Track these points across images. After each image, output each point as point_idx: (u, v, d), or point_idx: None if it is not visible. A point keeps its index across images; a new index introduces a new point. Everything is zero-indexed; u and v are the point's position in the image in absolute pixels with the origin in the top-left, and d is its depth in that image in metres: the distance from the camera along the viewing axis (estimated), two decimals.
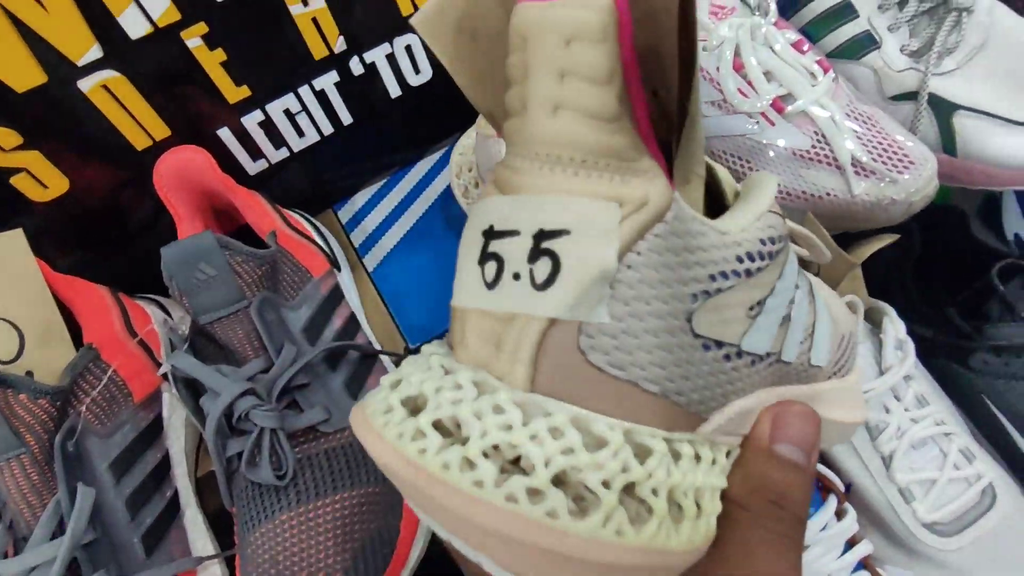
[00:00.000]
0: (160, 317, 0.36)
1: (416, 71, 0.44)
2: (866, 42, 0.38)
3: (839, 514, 0.32)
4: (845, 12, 0.39)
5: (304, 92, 0.40)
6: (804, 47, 0.36)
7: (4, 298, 0.29)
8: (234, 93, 0.38)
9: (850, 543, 0.32)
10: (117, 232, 0.40)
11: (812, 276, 0.25)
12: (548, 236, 0.12)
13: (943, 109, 0.36)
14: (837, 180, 0.34)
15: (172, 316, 0.38)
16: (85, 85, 0.33)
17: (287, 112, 0.40)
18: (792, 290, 0.16)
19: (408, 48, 0.42)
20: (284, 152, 0.42)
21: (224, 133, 0.39)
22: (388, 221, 0.46)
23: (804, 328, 0.17)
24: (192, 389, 0.30)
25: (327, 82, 0.41)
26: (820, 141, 0.34)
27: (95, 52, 0.33)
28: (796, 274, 0.16)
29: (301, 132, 0.42)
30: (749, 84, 0.35)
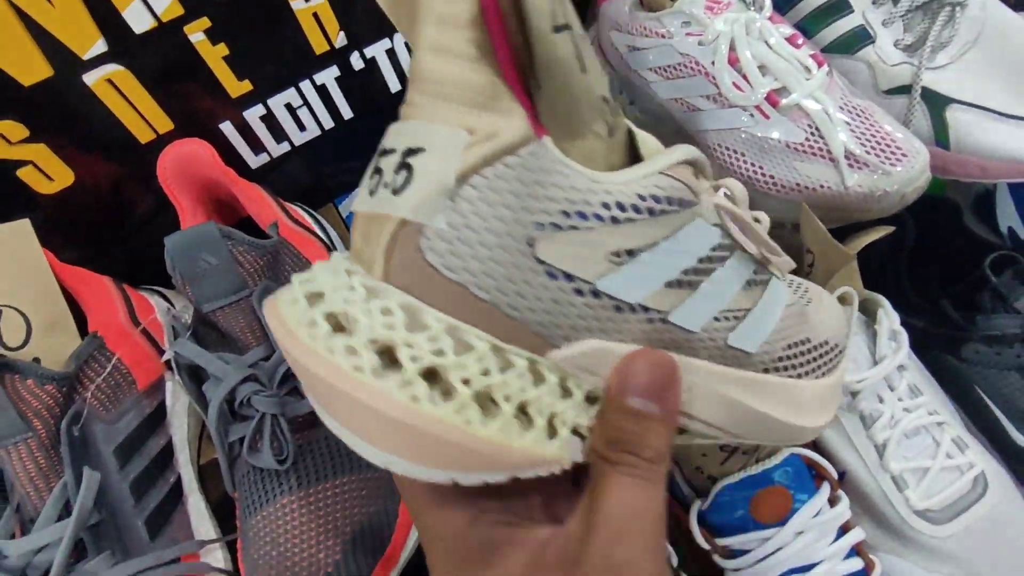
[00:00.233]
0: (163, 306, 0.37)
1: None
2: (860, 37, 0.39)
3: (832, 501, 0.32)
4: (840, 7, 0.40)
5: (305, 87, 0.41)
6: (798, 41, 0.36)
7: (11, 287, 0.30)
8: (236, 87, 0.38)
9: (843, 529, 0.32)
10: (121, 224, 0.40)
11: (810, 283, 0.26)
12: (410, 153, 0.14)
13: (936, 103, 0.37)
14: (831, 172, 0.35)
15: (175, 307, 0.39)
16: (90, 79, 0.34)
17: (288, 106, 0.41)
18: (690, 258, 0.17)
19: (408, 44, 0.43)
20: (285, 146, 0.43)
21: (226, 127, 0.40)
22: None
23: (723, 306, 0.18)
24: (195, 376, 0.31)
25: (328, 77, 0.41)
26: (814, 134, 0.35)
27: (100, 46, 0.33)
28: (715, 249, 0.18)
29: (302, 126, 0.43)
30: (744, 78, 0.36)
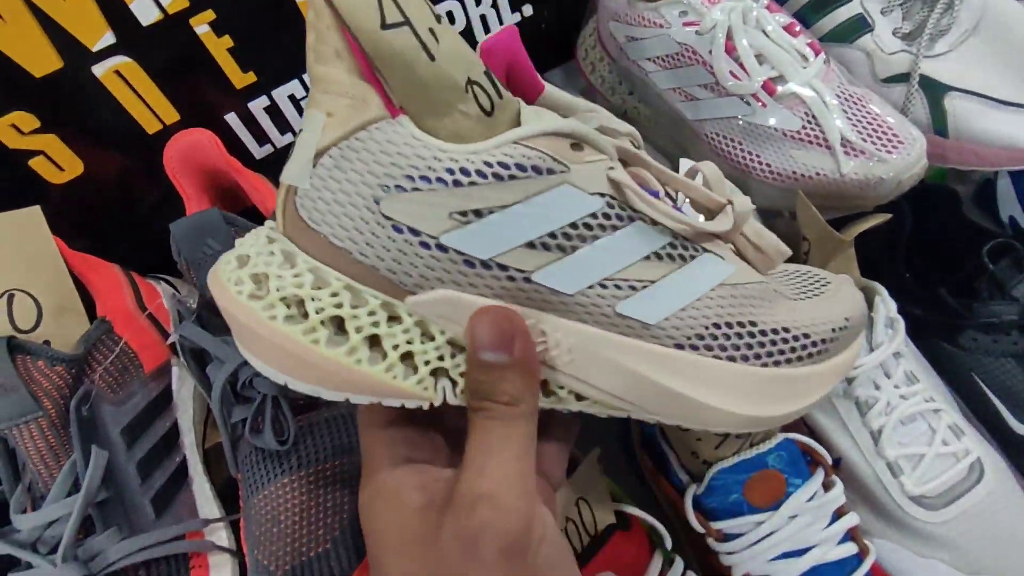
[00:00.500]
0: (169, 292, 0.38)
1: None
2: (859, 25, 0.39)
3: (826, 486, 0.33)
4: None
5: (308, 78, 0.41)
6: (796, 29, 0.37)
7: (22, 272, 0.31)
8: (240, 79, 0.39)
9: (837, 514, 0.33)
10: (129, 213, 0.41)
11: (838, 280, 0.26)
12: (299, 133, 0.18)
13: (934, 90, 0.37)
14: (827, 160, 0.35)
15: (181, 293, 0.39)
16: (99, 70, 0.35)
17: (292, 98, 0.42)
18: (555, 223, 0.19)
19: None
20: (289, 137, 0.44)
21: (231, 118, 0.41)
22: None
23: (609, 274, 0.20)
24: (199, 359, 0.32)
25: None
26: (810, 122, 0.35)
27: (108, 38, 0.34)
28: (595, 217, 0.19)
29: None
30: (741, 67, 0.36)
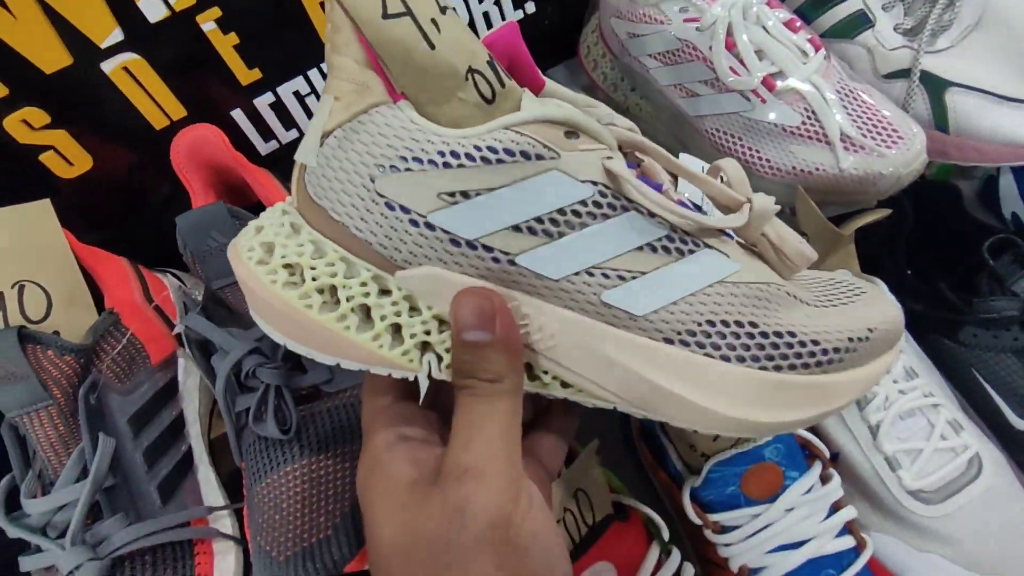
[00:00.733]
0: (175, 285, 0.38)
1: None
2: (860, 21, 0.39)
3: (824, 479, 0.33)
4: None
5: (313, 75, 0.42)
6: (796, 25, 0.37)
7: (33, 264, 0.32)
8: (246, 75, 0.40)
9: (835, 507, 0.33)
10: (137, 207, 0.42)
11: (875, 291, 0.24)
12: (313, 116, 0.20)
13: (936, 86, 0.37)
14: (826, 155, 0.35)
15: (187, 286, 0.40)
16: (108, 67, 0.35)
17: (296, 94, 0.42)
18: (542, 207, 0.19)
19: None
20: (294, 133, 0.44)
21: (237, 114, 0.41)
22: None
23: (597, 262, 0.20)
24: (204, 350, 0.32)
25: None
26: (810, 117, 0.35)
27: (117, 35, 0.35)
28: (585, 204, 0.19)
29: (311, 113, 0.44)
30: (741, 62, 0.36)
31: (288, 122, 0.43)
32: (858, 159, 0.34)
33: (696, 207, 0.23)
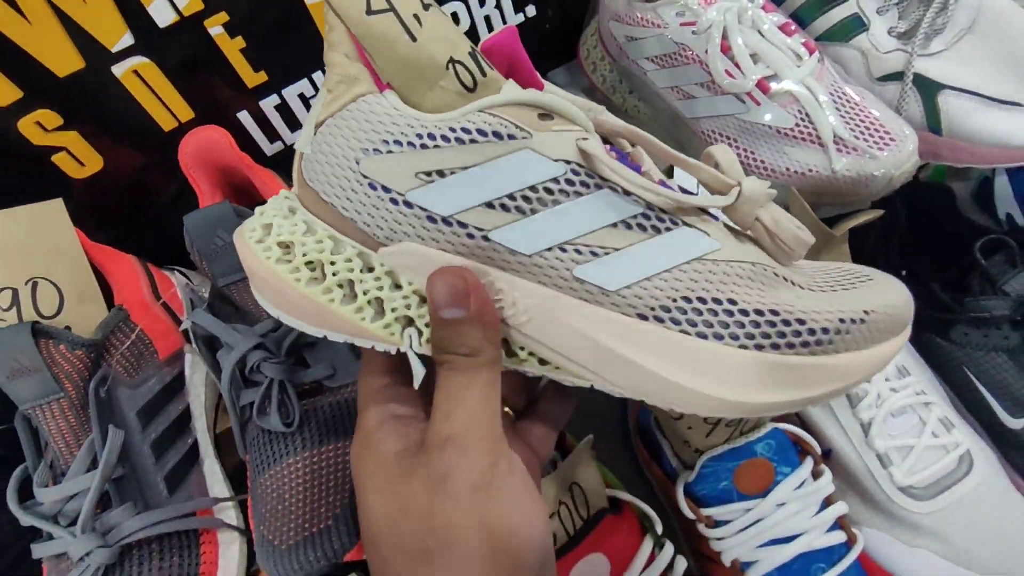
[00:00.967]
0: (183, 282, 0.39)
1: None
2: (855, 24, 0.39)
3: (815, 475, 0.33)
4: None
5: (318, 77, 0.43)
6: (791, 29, 0.37)
7: (46, 261, 0.33)
8: (252, 78, 0.41)
9: (826, 503, 0.33)
10: (147, 207, 0.43)
11: (884, 279, 0.23)
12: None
13: (928, 89, 0.37)
14: (819, 157, 0.36)
15: (194, 284, 0.41)
16: (118, 70, 0.36)
17: (302, 96, 0.43)
18: (514, 184, 0.20)
19: None
20: (299, 134, 0.45)
21: (243, 116, 0.42)
22: None
23: (569, 238, 0.20)
24: (210, 345, 0.33)
25: None
26: (804, 119, 0.36)
27: (127, 39, 0.36)
28: (556, 182, 0.20)
29: None
30: (736, 65, 0.37)
31: (293, 123, 0.44)
32: (850, 160, 0.35)
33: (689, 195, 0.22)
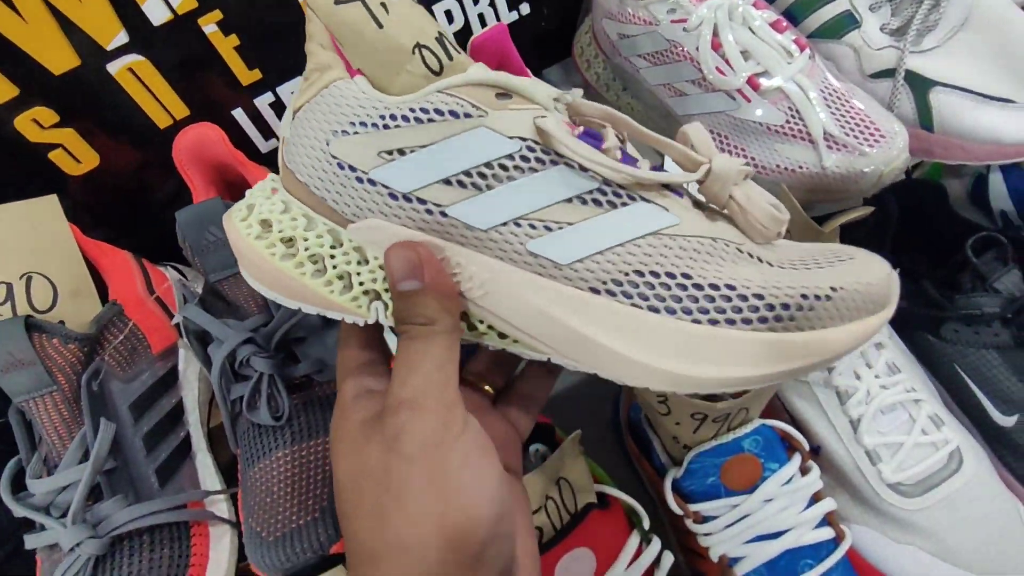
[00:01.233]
0: (176, 277, 0.40)
1: None
2: (847, 21, 0.39)
3: (803, 471, 0.33)
4: None
5: None
6: (782, 26, 0.37)
7: (40, 256, 0.33)
8: (247, 76, 0.41)
9: (814, 499, 0.33)
10: (142, 203, 0.43)
11: (865, 259, 0.21)
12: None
13: (920, 86, 0.37)
14: (809, 154, 0.35)
15: (188, 279, 0.41)
16: (113, 68, 0.37)
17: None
18: (469, 161, 0.20)
19: None
20: None
21: (238, 113, 0.42)
22: None
23: (523, 213, 0.21)
24: (202, 341, 0.34)
25: None
26: (794, 116, 0.36)
27: (122, 37, 0.36)
28: (512, 159, 0.20)
29: None
30: (726, 62, 0.37)
31: None
32: (840, 157, 0.35)
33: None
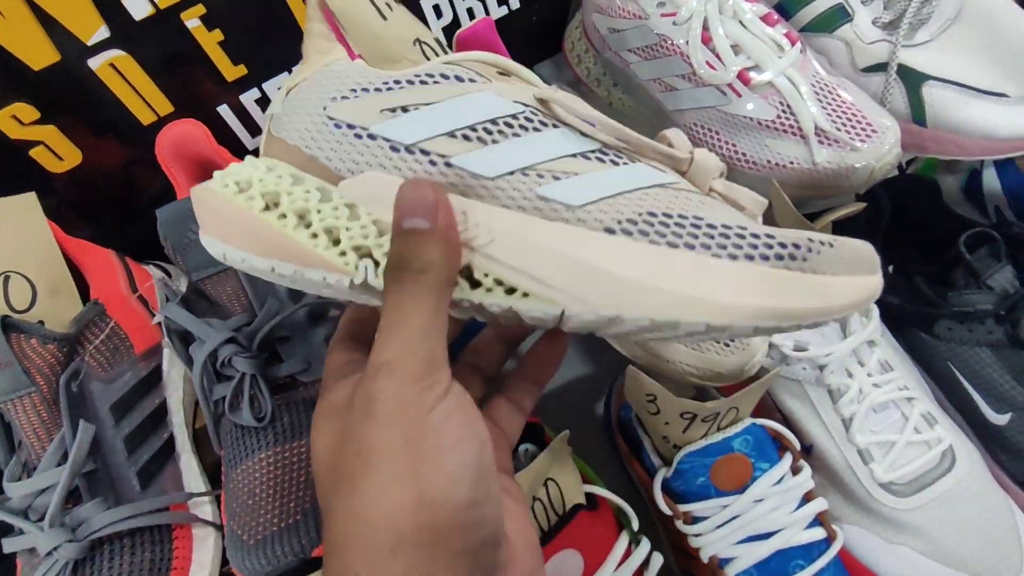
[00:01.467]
0: (159, 276, 0.39)
1: None
2: (839, 15, 0.39)
3: (795, 471, 0.33)
4: None
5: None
6: (773, 19, 0.37)
7: (18, 255, 0.32)
8: (232, 71, 0.40)
9: (806, 499, 0.33)
10: (126, 201, 0.43)
11: (837, 246, 0.20)
12: None
13: (913, 80, 0.37)
14: (800, 149, 0.35)
15: (171, 278, 0.41)
16: (94, 64, 0.36)
17: None
18: (475, 118, 0.21)
19: None
20: None
21: (224, 110, 0.42)
22: None
23: (530, 163, 0.20)
24: (184, 340, 0.33)
25: None
26: (785, 111, 0.35)
27: (103, 32, 0.35)
28: (515, 117, 0.21)
29: None
30: (717, 56, 0.36)
31: None
32: (831, 152, 0.34)
33: None
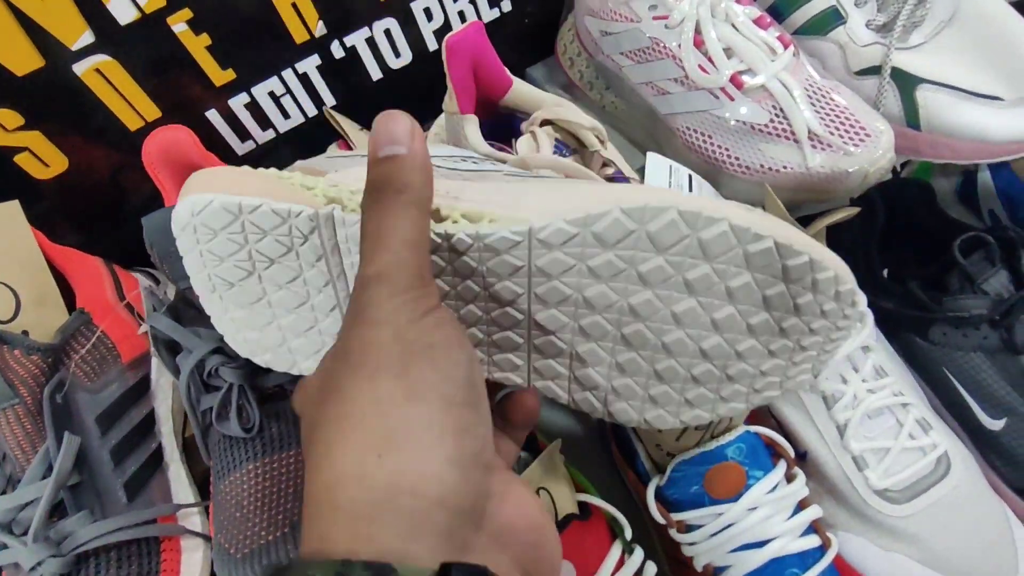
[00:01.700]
0: (145, 284, 0.39)
1: (396, 55, 0.45)
2: (832, 18, 0.39)
3: (789, 478, 0.33)
4: None
5: (288, 75, 0.42)
6: (766, 22, 0.36)
7: (2, 264, 0.32)
8: (220, 76, 0.40)
9: (800, 507, 0.33)
10: (114, 208, 0.42)
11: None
12: None
13: (907, 83, 0.36)
14: (794, 153, 0.35)
15: (159, 286, 0.40)
16: (80, 69, 0.36)
17: (272, 94, 0.42)
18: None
19: (387, 32, 0.44)
20: (271, 133, 0.44)
21: (212, 115, 0.41)
22: None
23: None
24: (171, 350, 0.33)
25: (309, 65, 0.43)
26: (778, 115, 0.35)
27: (87, 37, 0.35)
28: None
29: (286, 114, 0.44)
30: (709, 60, 0.36)
31: (264, 122, 0.44)
32: (825, 157, 0.34)
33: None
